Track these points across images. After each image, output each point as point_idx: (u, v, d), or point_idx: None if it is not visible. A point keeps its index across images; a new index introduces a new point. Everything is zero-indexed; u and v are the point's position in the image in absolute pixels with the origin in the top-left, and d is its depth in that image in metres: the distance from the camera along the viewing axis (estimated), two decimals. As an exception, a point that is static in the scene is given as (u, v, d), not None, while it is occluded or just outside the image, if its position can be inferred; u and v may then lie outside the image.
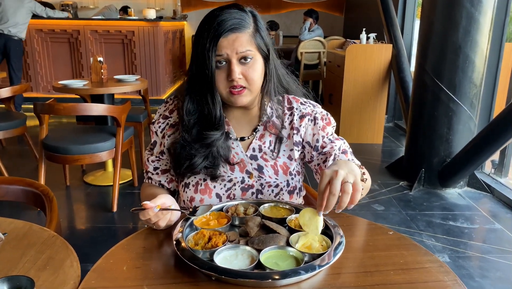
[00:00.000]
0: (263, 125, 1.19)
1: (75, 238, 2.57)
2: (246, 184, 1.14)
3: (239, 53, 1.04)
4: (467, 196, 3.19)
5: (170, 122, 1.18)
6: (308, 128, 1.19)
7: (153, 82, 5.94)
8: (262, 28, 1.10)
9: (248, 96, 1.09)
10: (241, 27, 1.04)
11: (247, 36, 1.05)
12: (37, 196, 1.37)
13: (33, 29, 5.69)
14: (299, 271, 0.78)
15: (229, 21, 1.03)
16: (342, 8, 8.43)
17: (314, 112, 1.20)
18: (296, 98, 1.23)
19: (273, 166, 1.16)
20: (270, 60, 1.12)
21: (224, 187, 1.14)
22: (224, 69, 1.05)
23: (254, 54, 1.06)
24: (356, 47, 4.35)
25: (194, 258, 0.82)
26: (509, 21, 3.43)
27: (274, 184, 1.15)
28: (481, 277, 2.18)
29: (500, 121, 2.75)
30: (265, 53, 1.10)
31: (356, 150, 4.62)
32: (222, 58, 1.04)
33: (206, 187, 1.13)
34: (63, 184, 3.26)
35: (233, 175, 1.14)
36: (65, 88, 3.12)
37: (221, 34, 1.02)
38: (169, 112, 1.19)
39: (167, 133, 1.17)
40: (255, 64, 1.07)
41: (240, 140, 1.17)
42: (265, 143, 1.17)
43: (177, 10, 8.32)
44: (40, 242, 0.97)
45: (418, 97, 3.39)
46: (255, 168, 1.15)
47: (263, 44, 1.09)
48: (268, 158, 1.17)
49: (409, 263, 0.87)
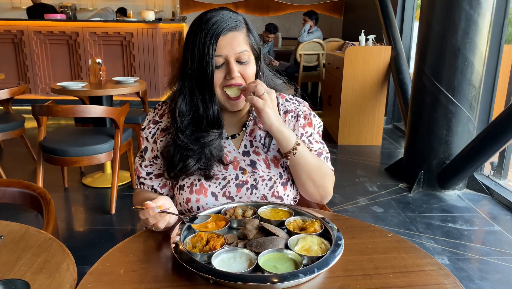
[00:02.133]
0: (253, 120, 1.21)
1: (73, 240, 2.56)
2: (240, 180, 1.14)
3: (237, 53, 1.07)
4: (467, 198, 3.18)
5: (161, 126, 1.19)
6: (290, 124, 1.20)
7: (151, 84, 5.94)
8: (252, 29, 1.14)
9: (243, 100, 1.10)
10: (237, 26, 1.08)
11: (242, 36, 1.09)
12: (34, 198, 1.36)
13: (32, 30, 5.69)
14: (298, 274, 0.78)
15: (225, 21, 1.07)
16: (341, 10, 8.45)
17: (297, 110, 1.22)
18: (282, 95, 1.25)
19: (265, 160, 1.17)
20: (261, 60, 1.18)
21: (219, 185, 1.14)
22: (222, 69, 1.08)
23: (249, 54, 1.10)
24: (355, 49, 4.36)
25: (192, 261, 0.81)
26: (508, 23, 3.43)
27: (268, 178, 1.15)
28: (481, 279, 2.18)
29: (499, 123, 2.75)
30: (257, 53, 1.14)
31: (355, 151, 4.64)
32: (221, 58, 1.07)
33: (201, 187, 1.13)
34: (61, 186, 3.25)
35: (227, 173, 1.15)
36: (63, 90, 3.12)
37: (221, 33, 1.05)
38: (159, 117, 1.20)
39: (159, 138, 1.18)
40: (250, 63, 1.11)
41: (231, 138, 1.19)
42: (255, 138, 1.19)
43: (176, 11, 8.32)
44: (37, 245, 0.96)
45: (417, 99, 3.38)
46: (248, 164, 1.16)
47: (255, 44, 1.13)
48: (260, 151, 1.18)
49: (408, 266, 0.86)
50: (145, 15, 5.86)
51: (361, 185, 3.40)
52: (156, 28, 5.76)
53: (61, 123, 5.22)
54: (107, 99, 3.32)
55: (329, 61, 5.09)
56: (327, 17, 8.45)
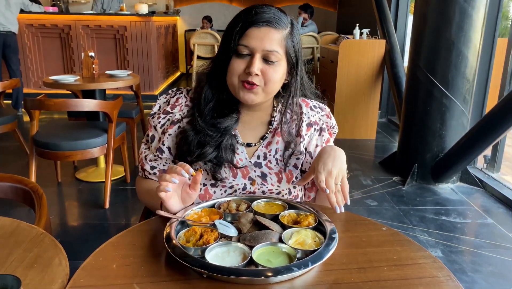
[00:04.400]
0: (272, 133, 1.16)
1: (67, 235, 2.54)
2: (247, 190, 1.11)
3: (265, 50, 1.01)
4: (460, 191, 3.20)
5: (172, 118, 1.13)
6: (313, 138, 1.17)
7: (145, 77, 5.90)
8: (297, 36, 1.07)
9: (260, 96, 1.05)
10: (276, 23, 1.02)
11: (279, 36, 1.02)
12: (26, 192, 1.35)
13: (23, 24, 5.62)
14: (292, 268, 0.77)
15: (266, 14, 1.01)
16: (336, 4, 8.42)
17: (321, 121, 1.19)
18: (306, 101, 1.21)
19: (277, 174, 1.14)
20: (298, 73, 1.09)
21: (224, 193, 1.11)
22: (244, 60, 1.02)
23: (280, 57, 1.03)
24: (350, 43, 4.35)
25: (185, 255, 0.81)
26: (502, 17, 3.44)
27: (276, 191, 1.12)
28: (473, 271, 2.19)
29: (492, 117, 2.76)
30: (293, 61, 1.07)
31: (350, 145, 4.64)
32: (247, 49, 1.01)
33: (206, 192, 1.10)
34: (54, 180, 3.23)
35: (234, 182, 1.11)
36: (56, 84, 3.09)
37: (255, 22, 1.00)
38: (171, 107, 1.15)
39: (168, 130, 1.12)
40: (278, 66, 1.03)
41: (246, 146, 1.14)
42: (271, 151, 1.14)
43: (169, 5, 8.26)
44: (28, 240, 0.95)
45: (411, 93, 3.39)
46: (258, 175, 1.12)
47: (293, 51, 1.06)
48: (272, 166, 1.14)
49: (402, 259, 0.86)
50: (138, 8, 5.81)
51: (355, 179, 3.41)
52: (149, 22, 5.71)
53: (54, 117, 5.17)
54: (100, 93, 3.29)
55: (324, 55, 5.08)
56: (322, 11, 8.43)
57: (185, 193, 0.99)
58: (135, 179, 1.28)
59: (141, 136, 3.80)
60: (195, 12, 8.62)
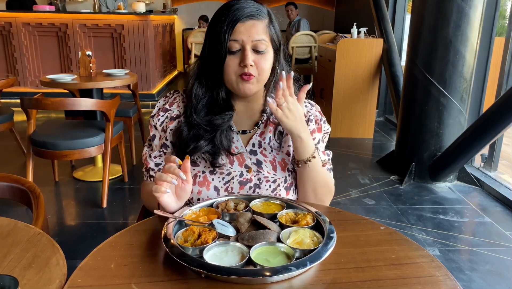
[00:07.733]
0: (265, 122, 1.19)
1: (64, 235, 2.54)
2: (244, 177, 1.14)
3: (254, 40, 1.06)
4: (457, 190, 3.21)
5: (170, 115, 1.18)
6: None
7: (142, 76, 5.88)
8: (275, 22, 1.13)
9: (256, 86, 1.10)
10: (258, 15, 1.07)
11: (263, 25, 1.08)
12: (23, 192, 1.34)
13: (20, 22, 5.60)
14: (290, 267, 0.77)
15: (247, 8, 1.06)
16: (333, 2, 8.43)
17: (309, 114, 1.21)
18: None
19: (272, 162, 1.16)
20: (280, 55, 1.15)
21: (222, 180, 1.13)
22: (237, 56, 1.07)
23: (267, 45, 1.08)
24: (347, 42, 4.35)
25: (183, 255, 0.80)
26: (499, 16, 3.44)
27: (272, 179, 1.14)
28: (471, 270, 2.20)
29: (489, 116, 2.77)
30: (277, 46, 1.13)
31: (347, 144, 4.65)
32: (237, 44, 1.05)
33: (205, 179, 1.12)
34: (52, 179, 3.22)
35: (232, 169, 1.14)
36: (53, 83, 3.08)
37: (239, 19, 1.05)
38: (169, 105, 1.20)
39: (169, 126, 1.16)
40: (267, 54, 1.09)
41: (241, 133, 1.18)
42: (265, 139, 1.18)
43: (167, 3, 8.24)
44: (25, 240, 0.94)
45: (409, 92, 3.39)
46: (254, 163, 1.15)
47: (276, 37, 1.12)
48: (267, 153, 1.17)
49: (400, 258, 0.86)
50: (135, 7, 5.79)
51: (353, 177, 3.41)
52: (147, 20, 5.69)
53: (51, 116, 5.15)
54: (97, 92, 3.28)
55: (321, 54, 5.08)
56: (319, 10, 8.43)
57: (179, 188, 1.01)
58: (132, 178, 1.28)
59: (138, 135, 3.79)
60: (193, 11, 8.61)
